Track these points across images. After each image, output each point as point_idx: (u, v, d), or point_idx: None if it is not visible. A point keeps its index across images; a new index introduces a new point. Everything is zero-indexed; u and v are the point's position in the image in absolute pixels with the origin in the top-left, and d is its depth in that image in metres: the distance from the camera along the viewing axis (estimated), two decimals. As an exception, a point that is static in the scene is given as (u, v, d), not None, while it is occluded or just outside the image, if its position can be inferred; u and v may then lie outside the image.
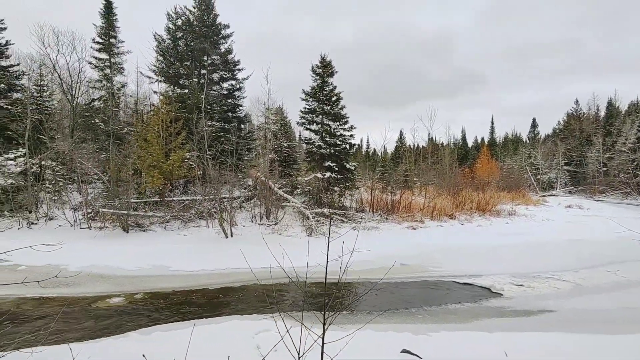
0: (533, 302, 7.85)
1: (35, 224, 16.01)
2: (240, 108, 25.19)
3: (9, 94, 18.64)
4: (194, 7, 23.12)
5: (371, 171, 34.45)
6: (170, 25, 22.05)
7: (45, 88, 20.54)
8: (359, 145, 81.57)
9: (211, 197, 15.21)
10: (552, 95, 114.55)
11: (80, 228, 15.50)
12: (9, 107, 17.99)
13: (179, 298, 8.16)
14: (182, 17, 22.79)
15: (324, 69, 20.53)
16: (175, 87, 22.54)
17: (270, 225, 16.44)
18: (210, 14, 23.40)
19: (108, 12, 20.67)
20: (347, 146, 21.02)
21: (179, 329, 6.10)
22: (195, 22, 22.89)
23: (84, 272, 9.83)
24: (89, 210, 16.22)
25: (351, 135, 20.92)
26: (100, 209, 14.99)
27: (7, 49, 18.73)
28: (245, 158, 23.33)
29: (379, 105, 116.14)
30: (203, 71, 23.50)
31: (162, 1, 24.62)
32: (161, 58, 21.57)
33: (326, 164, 19.49)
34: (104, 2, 20.56)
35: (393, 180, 32.41)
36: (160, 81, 21.85)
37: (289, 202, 19.10)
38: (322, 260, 10.10)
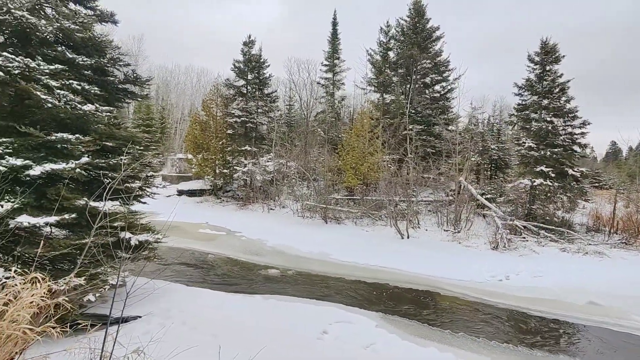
0: None
1: (273, 209, 21.26)
2: (450, 110, 24.43)
3: (269, 113, 25.41)
4: (408, 17, 24.28)
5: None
6: (382, 38, 23.98)
7: (290, 106, 26.67)
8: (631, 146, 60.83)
9: (390, 199, 15.80)
10: None
11: (298, 216, 19.49)
12: (266, 123, 24.59)
13: (315, 280, 9.35)
14: (396, 28, 24.38)
15: (545, 56, 17.27)
16: (386, 95, 24.34)
17: (455, 232, 15.40)
18: (421, 19, 23.92)
19: (334, 39, 24.68)
20: (576, 147, 16.87)
21: (286, 301, 7.25)
22: (408, 31, 23.99)
23: (274, 249, 12.65)
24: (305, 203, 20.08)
25: (582, 134, 16.66)
26: (305, 202, 18.37)
27: (269, 79, 25.55)
28: (450, 161, 22.46)
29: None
30: (414, 77, 24.27)
31: (371, 17, 27.01)
32: (374, 69, 23.83)
33: (538, 169, 16.28)
34: (331, 31, 24.72)
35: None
36: (374, 91, 24.17)
37: (489, 210, 17.19)
38: (480, 278, 9.25)
